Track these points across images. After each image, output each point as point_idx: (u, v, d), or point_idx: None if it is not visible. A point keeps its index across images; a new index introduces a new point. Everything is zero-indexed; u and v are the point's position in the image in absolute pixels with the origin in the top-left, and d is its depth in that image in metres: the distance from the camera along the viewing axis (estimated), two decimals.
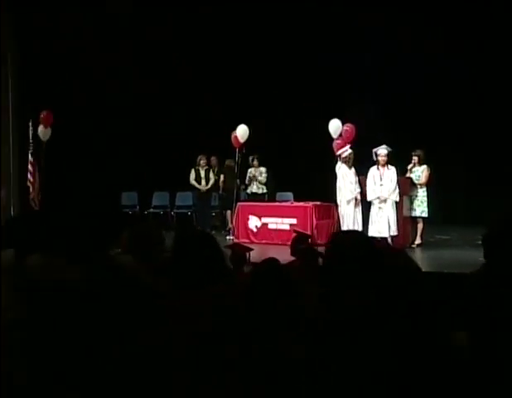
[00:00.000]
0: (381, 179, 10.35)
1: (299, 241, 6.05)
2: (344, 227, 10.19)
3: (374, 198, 10.28)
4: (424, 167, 10.67)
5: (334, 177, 10.77)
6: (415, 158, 10.76)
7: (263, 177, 12.87)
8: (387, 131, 11.79)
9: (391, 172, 10.30)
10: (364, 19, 12.70)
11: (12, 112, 12.68)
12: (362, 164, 10.84)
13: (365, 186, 10.43)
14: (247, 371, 2.38)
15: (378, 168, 10.43)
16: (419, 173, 10.67)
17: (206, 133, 13.07)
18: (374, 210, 10.37)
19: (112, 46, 13.10)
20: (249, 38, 13.48)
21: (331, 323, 2.41)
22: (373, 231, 10.14)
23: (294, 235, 6.65)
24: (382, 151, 10.49)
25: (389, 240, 10.15)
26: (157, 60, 13.72)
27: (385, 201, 10.29)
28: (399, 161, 10.65)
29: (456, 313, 2.86)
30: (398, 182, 10.33)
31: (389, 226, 10.16)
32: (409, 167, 10.78)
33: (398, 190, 10.20)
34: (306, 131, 12.68)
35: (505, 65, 12.38)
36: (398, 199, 10.19)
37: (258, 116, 12.88)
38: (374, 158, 10.49)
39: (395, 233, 10.14)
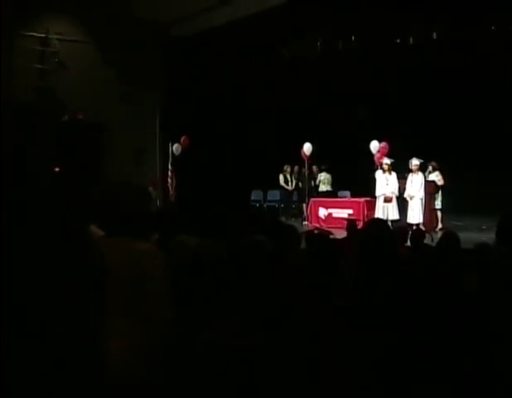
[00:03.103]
0: (411, 182, 10.99)
1: (350, 225, 6.87)
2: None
3: (406, 196, 10.92)
4: (437, 172, 11.34)
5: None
6: (430, 167, 11.37)
7: (323, 178, 13.94)
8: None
9: (419, 178, 11.21)
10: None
11: (159, 136, 14.31)
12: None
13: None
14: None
15: (411, 174, 10.99)
16: (433, 177, 11.23)
17: (287, 148, 14.00)
18: (408, 204, 10.99)
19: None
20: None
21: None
22: (408, 219, 10.81)
23: (346, 221, 7.32)
24: (414, 161, 11.09)
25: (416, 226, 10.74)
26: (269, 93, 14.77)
27: (413, 197, 10.85)
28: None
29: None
30: (425, 185, 10.88)
31: (417, 216, 10.72)
32: (426, 173, 11.41)
33: (422, 190, 10.81)
34: (360, 145, 13.32)
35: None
36: (420, 196, 10.77)
37: (324, 137, 13.77)
38: (410, 167, 11.08)
39: (421, 221, 10.70)
